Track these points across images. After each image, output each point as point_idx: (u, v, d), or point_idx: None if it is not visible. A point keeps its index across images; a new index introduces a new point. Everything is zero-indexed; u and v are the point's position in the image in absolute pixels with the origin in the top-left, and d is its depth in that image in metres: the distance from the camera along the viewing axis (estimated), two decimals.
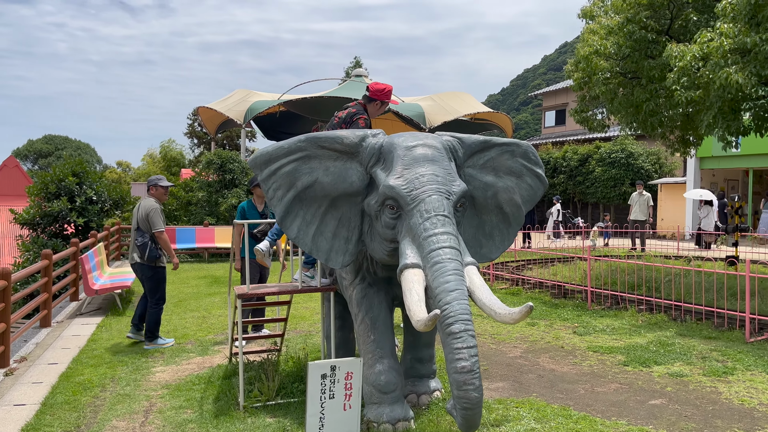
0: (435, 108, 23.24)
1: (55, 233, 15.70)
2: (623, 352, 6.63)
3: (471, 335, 3.56)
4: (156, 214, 7.14)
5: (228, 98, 25.97)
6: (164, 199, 7.44)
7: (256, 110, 22.82)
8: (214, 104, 25.60)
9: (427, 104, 23.36)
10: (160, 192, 7.36)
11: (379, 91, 5.16)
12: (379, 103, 5.18)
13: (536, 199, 4.90)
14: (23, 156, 56.68)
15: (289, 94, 24.37)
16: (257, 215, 7.39)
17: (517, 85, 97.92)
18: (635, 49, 9.34)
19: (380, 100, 5.16)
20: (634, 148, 24.47)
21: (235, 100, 25.00)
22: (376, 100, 5.15)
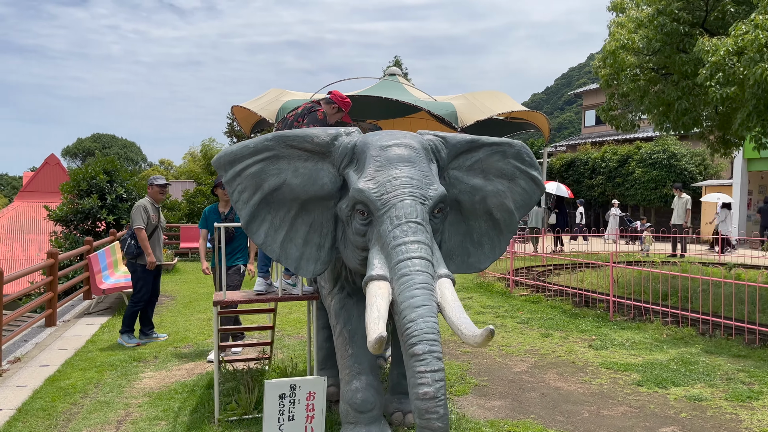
0: (468, 107, 22.67)
1: (87, 230, 15.92)
2: (639, 370, 6.13)
3: (436, 357, 3.20)
4: (137, 212, 7.16)
5: (261, 97, 25.95)
6: (159, 197, 7.34)
7: (288, 109, 22.63)
8: (248, 104, 25.61)
9: (460, 103, 22.81)
10: (155, 191, 7.31)
11: (340, 97, 5.01)
12: (336, 108, 4.97)
13: (532, 204, 4.49)
14: (72, 154, 58.36)
15: (321, 93, 24.23)
16: (218, 219, 6.73)
17: (562, 83, 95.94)
18: (666, 43, 8.74)
19: (338, 105, 4.97)
20: (676, 148, 23.42)
21: (268, 100, 24.95)
22: (334, 103, 4.96)
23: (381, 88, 24.38)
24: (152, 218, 7.25)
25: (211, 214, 6.79)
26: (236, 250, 6.76)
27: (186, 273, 13.75)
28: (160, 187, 7.32)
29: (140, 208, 7.13)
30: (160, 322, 8.34)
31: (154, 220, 7.28)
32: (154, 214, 7.30)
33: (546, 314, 8.80)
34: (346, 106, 5.04)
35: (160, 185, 7.32)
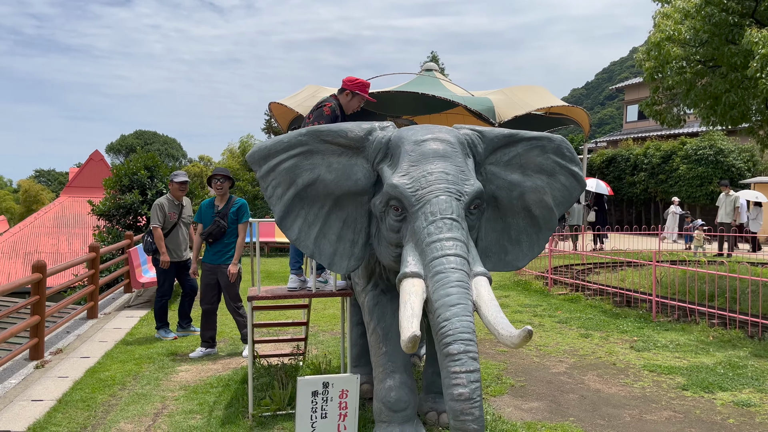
0: (506, 102, 22.36)
1: (129, 224, 16.27)
2: (684, 373, 5.91)
3: (472, 357, 3.10)
4: (154, 210, 7.34)
5: (298, 94, 26.08)
6: (179, 194, 7.42)
7: None
8: (285, 100, 25.78)
9: (498, 98, 22.51)
10: (174, 187, 7.41)
11: (350, 80, 4.86)
12: (350, 94, 4.82)
13: (572, 201, 4.34)
14: (116, 150, 59.82)
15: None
16: (212, 214, 6.51)
17: (603, 78, 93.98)
18: (714, 34, 8.39)
19: (350, 90, 4.82)
20: (724, 144, 22.63)
21: (305, 96, 25.05)
22: (345, 90, 4.83)
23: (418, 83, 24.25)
24: (169, 216, 7.35)
25: (207, 208, 6.58)
26: (227, 248, 6.53)
27: None
28: (179, 183, 7.39)
29: (156, 207, 7.27)
30: (197, 317, 8.42)
31: (172, 218, 7.36)
32: (172, 212, 7.38)
33: (585, 314, 8.59)
34: (362, 87, 4.86)
35: (178, 182, 7.39)
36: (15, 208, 45.50)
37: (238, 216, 6.49)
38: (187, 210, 7.61)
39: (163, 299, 7.35)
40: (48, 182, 62.22)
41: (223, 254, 6.50)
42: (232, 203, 6.51)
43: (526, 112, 21.98)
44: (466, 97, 21.81)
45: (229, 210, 6.49)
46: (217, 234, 6.43)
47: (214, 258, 6.51)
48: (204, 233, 6.47)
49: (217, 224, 6.43)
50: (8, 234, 24.96)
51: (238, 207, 6.51)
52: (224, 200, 6.55)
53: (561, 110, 23.95)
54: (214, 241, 6.47)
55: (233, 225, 6.47)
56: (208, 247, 6.54)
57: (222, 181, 6.48)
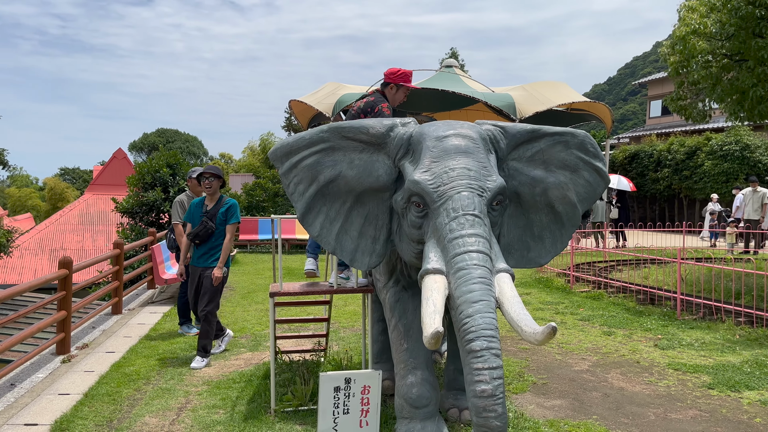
0: (526, 98, 22.15)
1: (152, 222, 16.47)
2: (710, 372, 5.82)
3: (495, 354, 3.09)
4: (174, 208, 7.41)
5: (318, 91, 26.12)
6: (198, 190, 7.42)
7: (344, 103, 22.72)
8: (305, 98, 25.84)
9: (518, 94, 22.30)
10: (193, 183, 7.44)
11: (392, 73, 4.77)
12: (395, 88, 4.75)
13: (596, 197, 4.30)
14: (138, 148, 60.56)
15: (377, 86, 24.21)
16: (200, 214, 6.21)
17: (625, 74, 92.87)
18: (741, 27, 8.24)
19: (394, 83, 4.75)
20: (750, 139, 22.20)
21: (325, 93, 25.09)
22: (389, 84, 4.76)
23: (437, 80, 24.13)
24: None
25: (196, 208, 6.28)
26: (213, 250, 6.22)
27: (245, 264, 14.02)
28: (197, 179, 7.40)
29: (177, 204, 7.35)
30: (219, 313, 8.50)
31: None
32: None
33: (608, 311, 8.50)
34: (403, 78, 4.77)
35: (196, 178, 7.37)
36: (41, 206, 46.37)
37: (227, 217, 6.17)
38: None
39: (186, 295, 7.43)
40: (73, 180, 63.25)
41: (209, 256, 6.20)
42: (222, 203, 6.21)
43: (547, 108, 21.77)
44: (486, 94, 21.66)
45: (219, 210, 6.17)
46: (204, 235, 6.11)
47: (200, 261, 6.22)
48: (191, 234, 6.18)
49: (204, 225, 6.11)
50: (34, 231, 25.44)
51: (228, 207, 6.19)
52: (214, 200, 6.25)
53: (582, 106, 23.68)
54: (200, 243, 6.16)
55: (221, 226, 6.17)
56: (194, 249, 6.24)
57: (211, 179, 6.15)
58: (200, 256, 6.22)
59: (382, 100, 4.67)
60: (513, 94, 23.26)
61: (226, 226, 6.17)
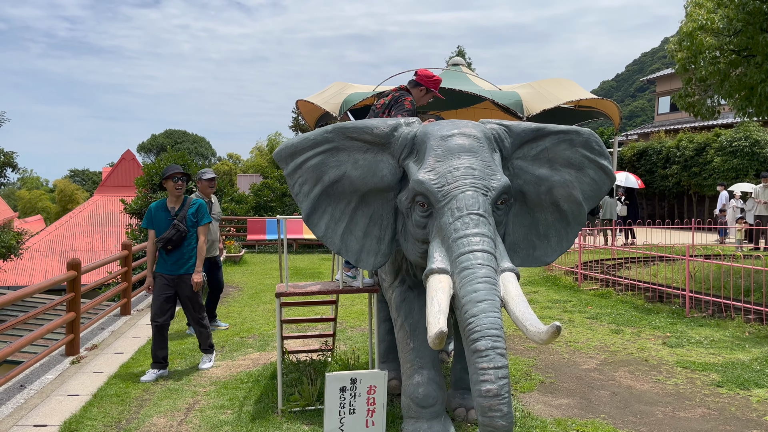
0: (534, 95, 22.14)
1: None
2: (719, 369, 5.78)
3: (500, 353, 3.08)
4: None
5: (325, 91, 26.21)
6: (208, 191, 7.48)
7: (351, 102, 22.82)
8: (312, 97, 25.93)
9: (526, 92, 22.31)
10: (203, 185, 7.45)
11: (426, 76, 4.73)
12: (424, 90, 4.72)
13: (601, 195, 4.28)
14: (147, 149, 60.88)
15: (384, 85, 24.22)
16: (167, 218, 5.76)
17: (633, 70, 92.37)
18: (749, 22, 8.18)
19: (426, 86, 4.70)
20: (760, 135, 22.03)
21: (332, 93, 25.17)
22: (421, 85, 4.70)
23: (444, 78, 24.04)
24: None
25: (159, 211, 5.81)
26: (187, 256, 5.85)
27: (253, 264, 14.06)
28: (207, 181, 7.44)
29: None
30: (227, 313, 8.55)
31: None
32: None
33: (616, 309, 8.47)
34: (435, 85, 4.77)
35: (207, 179, 7.44)
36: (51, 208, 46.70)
37: (198, 218, 5.86)
38: (215, 207, 7.69)
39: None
40: (82, 182, 63.65)
41: (184, 263, 5.82)
42: (188, 204, 5.85)
43: (554, 106, 21.75)
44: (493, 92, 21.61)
45: (188, 212, 5.80)
46: (177, 240, 5.72)
47: (174, 268, 5.79)
48: (161, 240, 5.71)
49: (176, 229, 5.70)
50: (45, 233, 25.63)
51: (197, 208, 5.86)
52: (179, 201, 5.84)
53: (590, 103, 23.63)
54: (173, 248, 5.74)
55: (192, 229, 5.83)
56: (165, 256, 5.80)
57: (184, 180, 5.82)
58: (174, 262, 5.80)
59: (407, 95, 4.64)
60: (520, 91, 23.23)
61: (197, 228, 5.88)
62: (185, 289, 5.82)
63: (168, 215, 5.77)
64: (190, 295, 5.86)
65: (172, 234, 5.71)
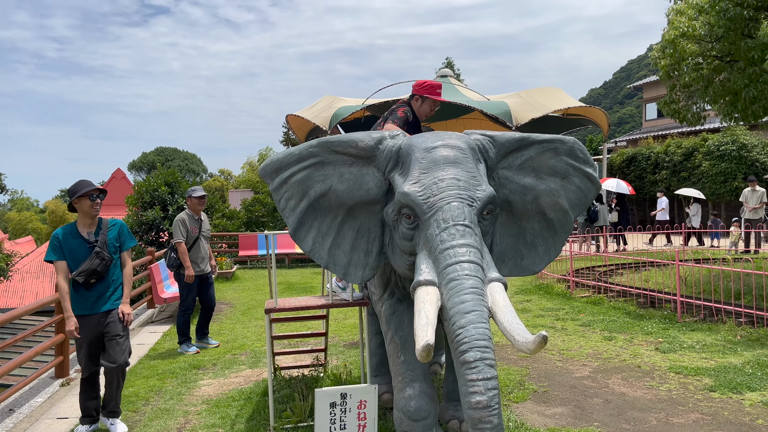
0: (522, 105, 22.28)
1: (151, 241, 16.47)
2: (712, 374, 5.79)
3: (488, 365, 3.07)
4: (176, 226, 7.38)
5: (314, 105, 26.28)
6: (198, 208, 7.52)
7: (341, 116, 22.88)
8: (302, 112, 26.00)
9: (514, 101, 22.44)
10: (193, 202, 7.48)
11: (418, 85, 4.73)
12: (420, 99, 4.71)
13: (587, 203, 4.29)
14: (137, 168, 60.76)
15: (373, 98, 24.31)
16: (83, 246, 4.71)
17: (621, 77, 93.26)
18: (730, 28, 8.29)
19: (419, 95, 4.70)
20: (747, 138, 22.26)
21: (322, 107, 25.23)
22: (414, 95, 4.73)
23: None
24: (191, 231, 7.42)
25: (69, 238, 4.72)
26: (112, 288, 4.84)
27: (245, 280, 14.00)
28: (198, 198, 7.47)
29: (179, 223, 7.36)
30: (218, 330, 8.50)
31: (193, 233, 7.44)
32: (193, 226, 7.45)
33: (609, 316, 8.48)
34: (428, 90, 4.68)
35: (197, 197, 7.47)
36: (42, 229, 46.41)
37: (122, 241, 4.91)
38: (205, 224, 7.68)
39: (186, 313, 7.44)
40: None
41: (110, 296, 4.81)
42: (106, 227, 4.86)
43: (543, 115, 21.90)
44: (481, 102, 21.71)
45: (109, 236, 4.83)
46: (103, 270, 4.72)
47: (98, 305, 4.76)
48: (83, 273, 4.64)
49: (101, 258, 4.70)
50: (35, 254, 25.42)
51: (119, 230, 4.91)
52: (94, 224, 4.81)
53: (578, 111, 23.78)
54: (96, 281, 4.73)
55: (116, 255, 4.85)
56: (85, 292, 4.70)
57: (101, 197, 4.84)
58: (98, 298, 4.76)
59: (402, 106, 4.66)
60: (508, 101, 23.36)
61: (122, 254, 4.92)
62: (115, 327, 4.76)
63: (84, 242, 4.72)
64: (121, 332, 4.78)
65: (97, 264, 4.68)
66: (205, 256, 7.61)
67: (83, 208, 4.71)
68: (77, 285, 4.69)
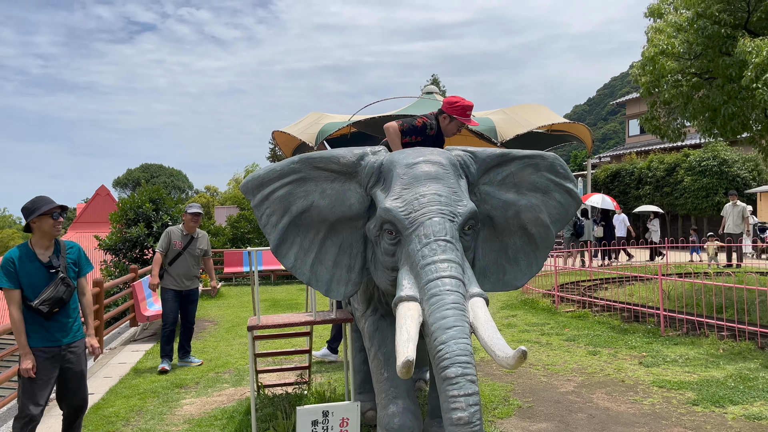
0: (507, 121, 22.49)
1: (135, 258, 16.32)
2: (694, 388, 5.81)
3: (470, 380, 3.06)
4: (162, 235, 7.40)
5: (301, 121, 26.33)
6: (190, 225, 7.45)
7: (327, 132, 22.94)
8: (288, 128, 26.01)
9: (499, 118, 22.64)
10: (186, 218, 7.45)
11: (448, 103, 4.58)
12: (447, 118, 4.57)
13: (568, 218, 4.32)
14: (123, 184, 60.37)
15: (359, 114, 24.41)
16: (41, 270, 4.17)
17: (604, 94, 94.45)
18: (708, 46, 8.44)
19: (447, 113, 4.56)
20: (727, 154, 22.60)
21: (308, 123, 25.28)
22: (444, 113, 4.59)
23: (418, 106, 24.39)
24: (174, 244, 7.34)
25: (26, 262, 4.16)
26: (73, 317, 4.35)
27: (230, 297, 13.90)
28: (190, 215, 7.40)
29: (165, 233, 7.40)
30: (202, 348, 8.41)
31: (176, 246, 7.33)
32: (178, 241, 7.36)
33: (593, 331, 8.50)
34: (461, 111, 4.49)
35: (190, 213, 7.40)
36: None
37: (81, 265, 4.45)
38: (199, 243, 7.50)
39: (164, 329, 7.33)
40: None
41: (71, 326, 4.31)
42: (62, 249, 4.36)
43: (528, 131, 22.09)
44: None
45: (68, 259, 4.34)
46: (68, 298, 4.22)
47: (60, 336, 4.24)
48: (46, 302, 4.12)
49: (66, 284, 4.21)
50: None
51: (78, 254, 4.46)
52: (51, 247, 4.30)
53: (563, 127, 24.03)
54: (59, 310, 4.21)
55: (74, 281, 4.37)
56: (44, 322, 4.17)
57: (65, 215, 4.39)
58: (59, 329, 4.24)
59: (428, 117, 4.58)
60: (493, 117, 23.55)
61: (80, 280, 4.45)
62: (79, 362, 4.31)
63: (43, 267, 4.19)
64: (84, 369, 4.40)
65: (63, 291, 4.19)
66: (190, 274, 7.45)
67: (44, 228, 4.19)
68: (35, 315, 4.13)
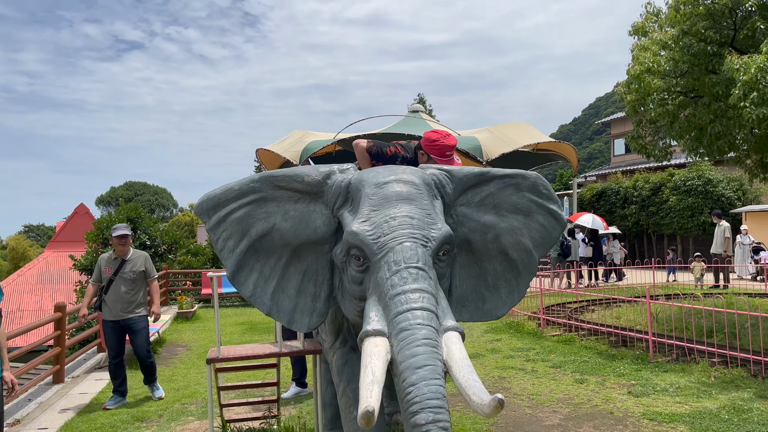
0: (492, 140, 22.35)
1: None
2: (687, 420, 5.49)
3: (442, 428, 2.71)
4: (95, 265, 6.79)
5: (285, 139, 26.03)
6: (118, 248, 6.68)
7: (311, 150, 22.65)
8: (272, 146, 25.70)
9: (485, 136, 22.51)
10: (114, 241, 6.71)
11: (427, 140, 4.33)
12: (425, 155, 4.34)
13: (552, 242, 4.01)
14: (106, 202, 59.49)
15: (344, 132, 24.16)
16: None
17: (589, 114, 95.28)
18: (694, 64, 8.26)
19: (425, 151, 4.34)
20: (712, 174, 22.56)
21: (292, 141, 24.98)
22: (422, 149, 4.37)
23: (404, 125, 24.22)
24: (105, 271, 6.66)
25: None
26: None
27: (206, 320, 13.44)
28: (116, 238, 6.66)
29: (97, 261, 6.76)
30: (170, 376, 7.98)
31: (106, 273, 6.65)
32: (108, 267, 6.67)
33: (580, 356, 8.18)
34: (439, 151, 4.26)
35: (115, 236, 6.67)
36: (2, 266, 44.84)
37: None
38: (133, 265, 6.73)
39: (110, 363, 6.77)
40: (37, 237, 61.67)
41: None
42: None
43: (513, 149, 21.94)
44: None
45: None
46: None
47: None
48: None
49: None
50: None
51: None
52: None
53: (548, 146, 23.94)
54: None
55: None
56: None
57: None
58: None
59: (400, 147, 4.36)
60: (479, 136, 23.41)
61: None
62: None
63: None
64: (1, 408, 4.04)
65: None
66: (124, 300, 6.66)
67: None
68: None
